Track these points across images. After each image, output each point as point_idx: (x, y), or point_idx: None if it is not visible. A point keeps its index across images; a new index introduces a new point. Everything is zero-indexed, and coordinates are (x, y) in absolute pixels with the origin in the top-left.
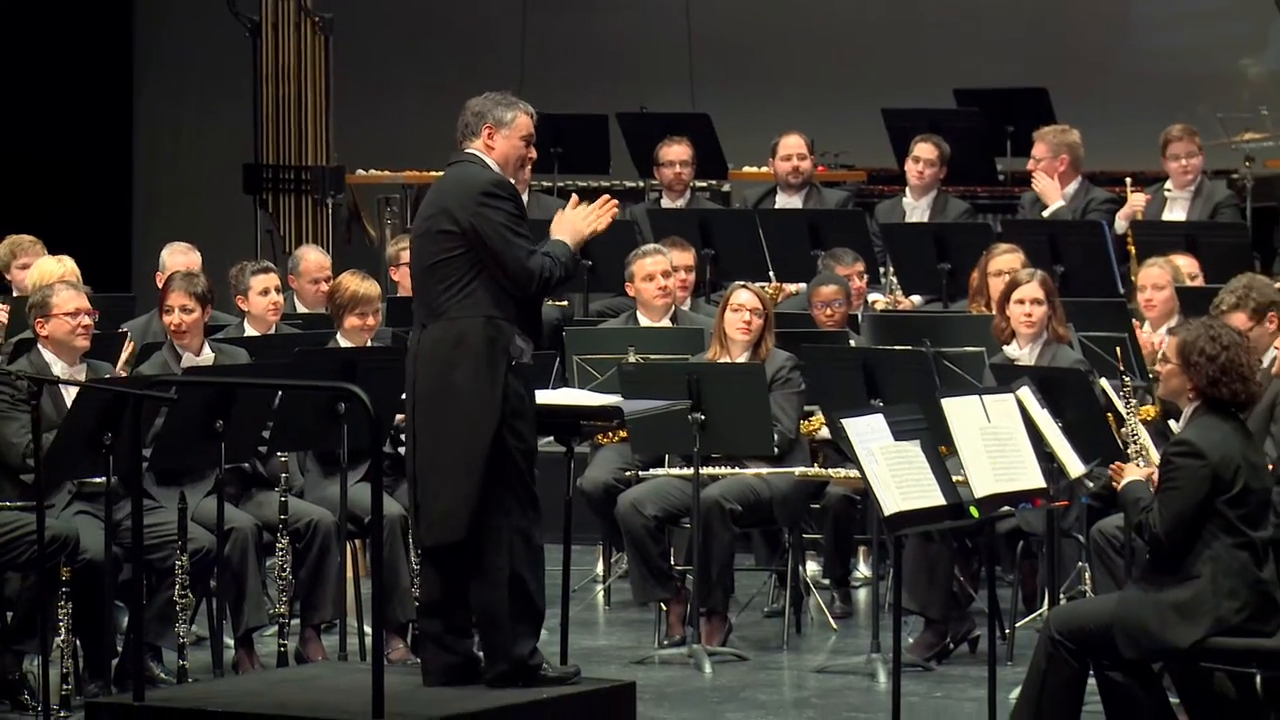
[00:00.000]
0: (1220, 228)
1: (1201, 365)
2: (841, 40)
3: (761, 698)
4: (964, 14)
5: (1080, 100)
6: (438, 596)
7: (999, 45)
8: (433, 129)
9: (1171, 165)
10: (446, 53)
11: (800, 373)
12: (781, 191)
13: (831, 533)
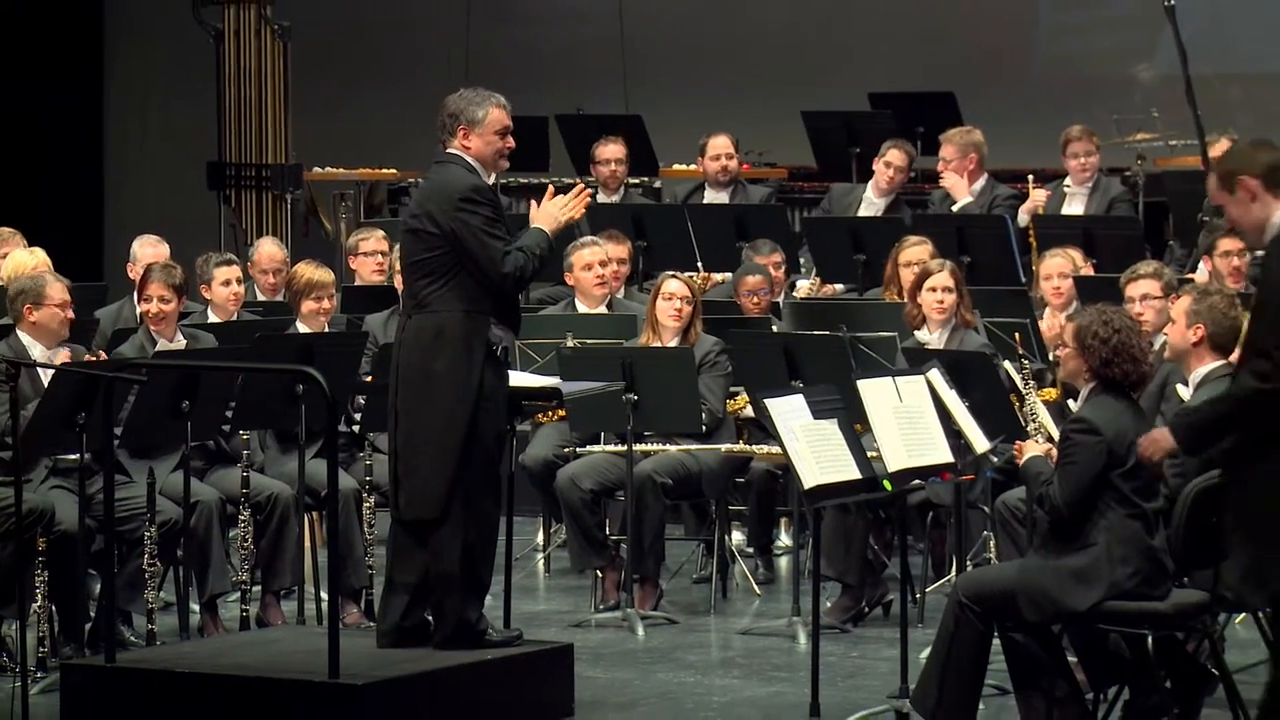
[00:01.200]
0: (1115, 221)
1: (1095, 348)
2: (765, 47)
3: (690, 658)
4: (878, 23)
5: (985, 103)
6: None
7: (910, 52)
8: (384, 130)
9: (1071, 163)
10: (397, 59)
11: (726, 356)
12: (709, 188)
13: (755, 505)
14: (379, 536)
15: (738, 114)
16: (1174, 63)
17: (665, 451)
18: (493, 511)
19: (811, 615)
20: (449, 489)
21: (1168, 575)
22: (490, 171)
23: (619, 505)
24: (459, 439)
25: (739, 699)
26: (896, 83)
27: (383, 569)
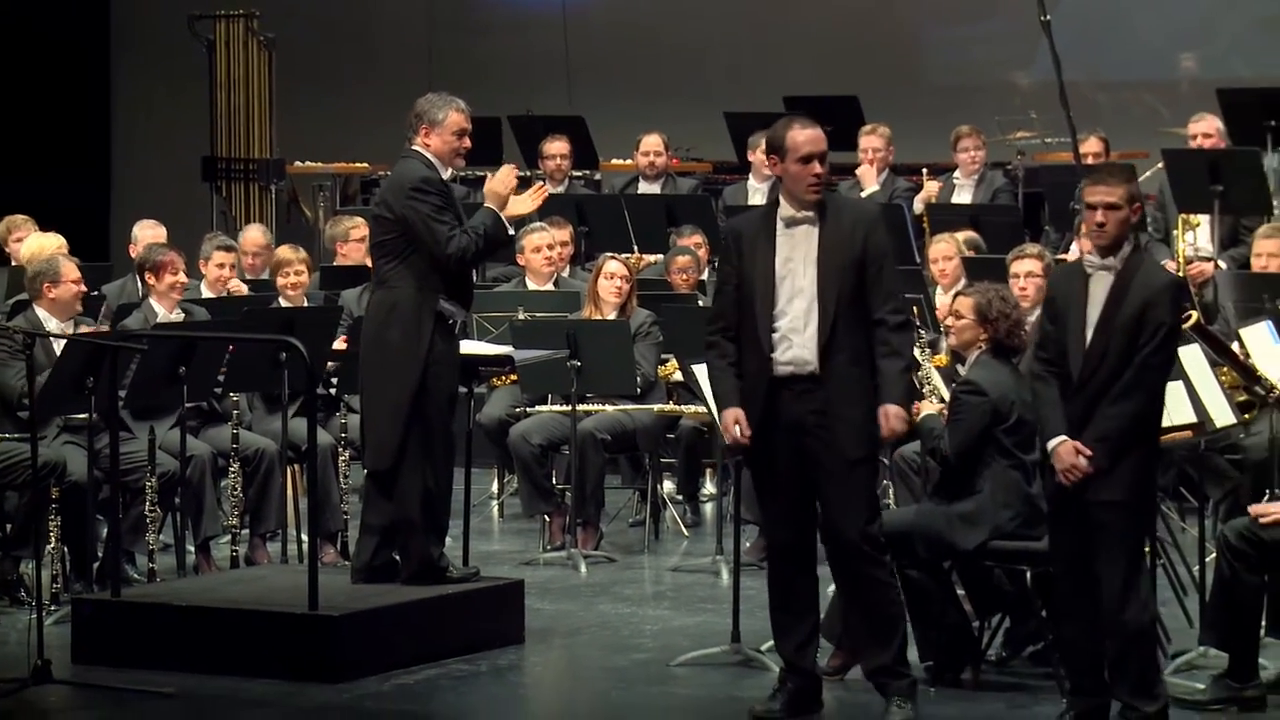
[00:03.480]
0: (998, 209)
1: (1000, 321)
2: (693, 56)
3: (627, 592)
4: (793, 35)
5: (884, 105)
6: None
7: (820, 61)
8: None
9: (960, 157)
10: (369, 65)
11: (658, 327)
12: (643, 180)
13: (684, 457)
14: (353, 485)
15: (668, 115)
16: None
17: (604, 411)
18: (447, 463)
19: (733, 554)
20: (401, 443)
21: (1043, 518)
22: (448, 166)
23: (564, 458)
24: (410, 400)
25: (669, 627)
26: (808, 87)
27: (357, 514)
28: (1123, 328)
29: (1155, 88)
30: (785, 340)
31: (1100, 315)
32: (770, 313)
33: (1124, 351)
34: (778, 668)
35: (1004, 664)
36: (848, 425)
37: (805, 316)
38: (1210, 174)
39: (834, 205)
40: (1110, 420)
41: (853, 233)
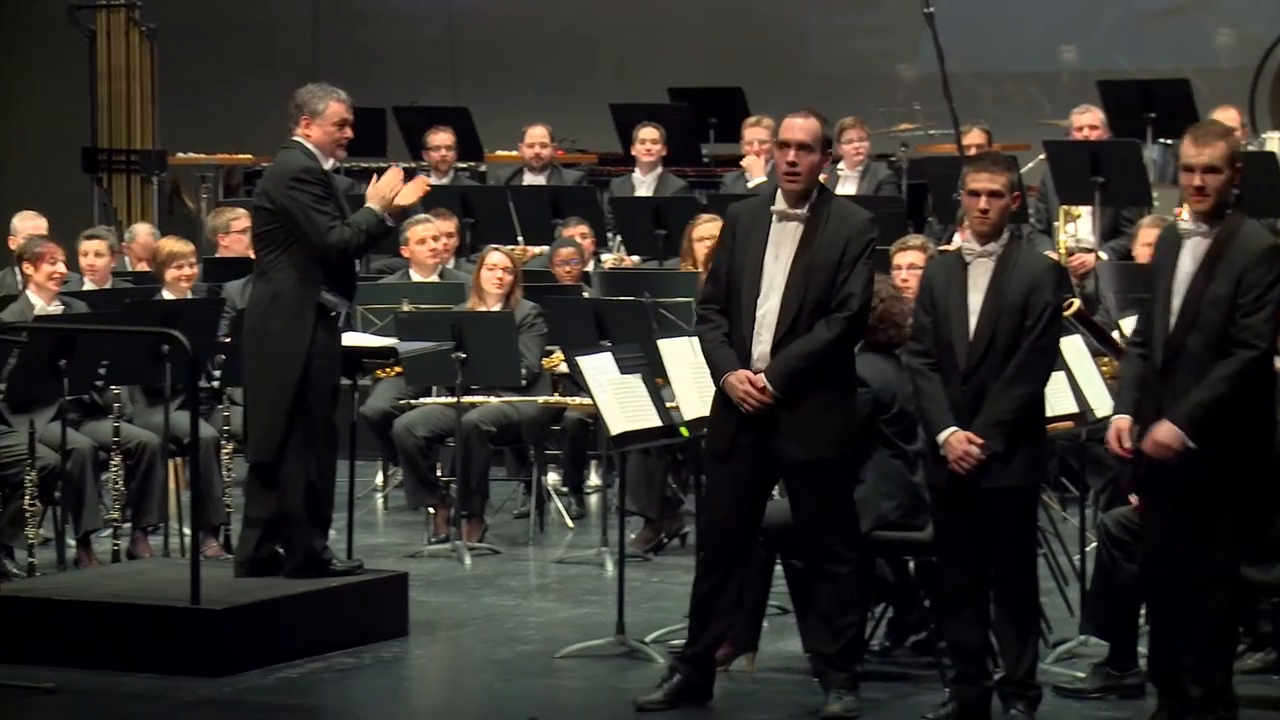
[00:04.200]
0: (883, 200)
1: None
2: (578, 47)
3: (512, 584)
4: (677, 26)
5: (769, 97)
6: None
7: (705, 51)
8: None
9: (845, 149)
10: (252, 56)
11: (543, 319)
12: (528, 171)
13: (569, 449)
14: (236, 478)
15: (554, 106)
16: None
17: (489, 403)
18: (330, 455)
19: (618, 546)
20: (284, 435)
21: (926, 507)
22: (329, 157)
23: (449, 450)
24: (292, 392)
25: (554, 619)
26: (693, 78)
27: (240, 508)
28: (1008, 312)
29: (1037, 80)
30: (759, 334)
31: (984, 301)
32: (753, 303)
33: (1011, 336)
34: (662, 658)
35: (887, 654)
36: (797, 426)
37: (775, 313)
38: (1091, 165)
39: (825, 207)
40: (1002, 405)
41: (836, 237)
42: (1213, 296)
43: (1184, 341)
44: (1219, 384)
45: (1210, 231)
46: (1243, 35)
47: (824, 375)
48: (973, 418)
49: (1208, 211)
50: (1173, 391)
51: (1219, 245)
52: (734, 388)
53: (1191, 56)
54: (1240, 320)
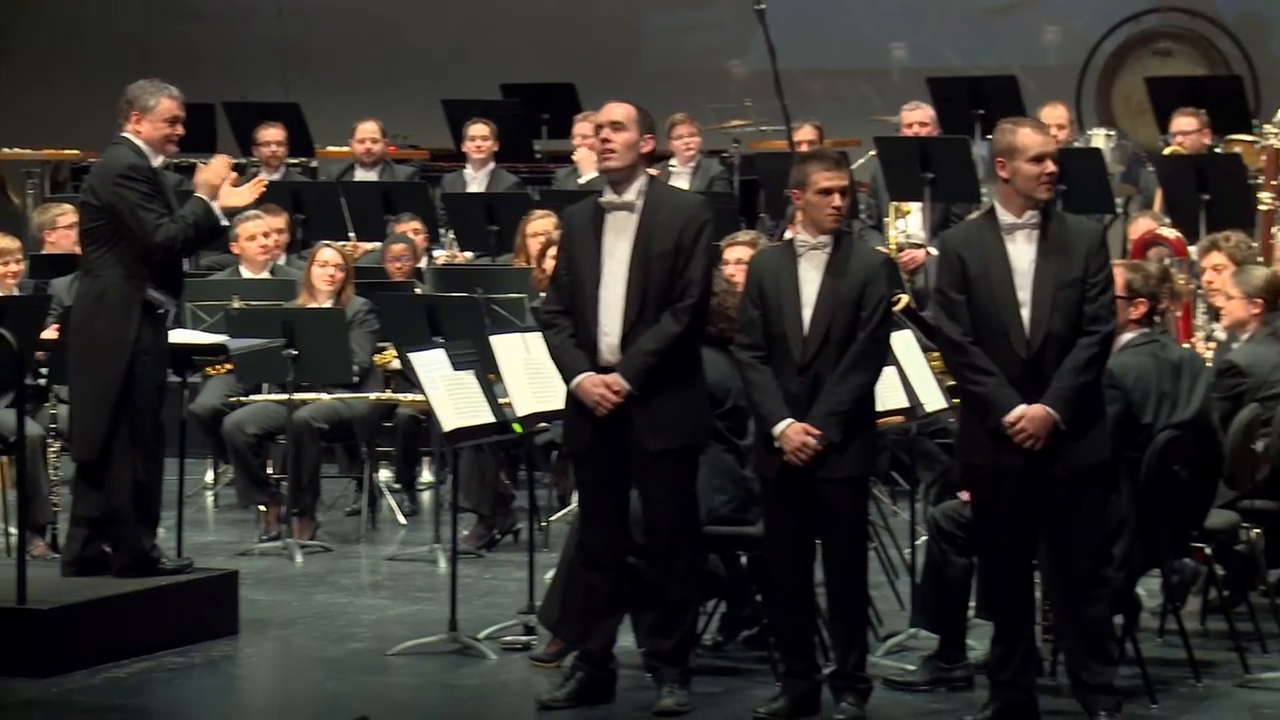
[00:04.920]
0: (715, 196)
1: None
2: (410, 42)
3: (344, 581)
4: (509, 21)
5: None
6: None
7: (537, 47)
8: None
9: (676, 145)
10: (81, 50)
11: (375, 315)
12: (360, 167)
13: (401, 445)
14: (63, 477)
15: (385, 102)
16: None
17: (321, 400)
18: (158, 453)
19: (450, 542)
20: (109, 433)
21: (757, 501)
22: (158, 154)
23: (280, 447)
24: (116, 389)
25: (386, 617)
26: (525, 74)
27: (67, 507)
28: (844, 305)
29: (867, 76)
30: (605, 328)
31: (819, 294)
32: (596, 298)
33: (846, 328)
34: (494, 655)
35: (719, 648)
36: (652, 416)
37: (618, 305)
38: (921, 162)
39: (655, 195)
40: (839, 395)
41: (669, 224)
42: (1068, 280)
43: (1048, 329)
44: (1088, 364)
45: (1037, 220)
46: (1069, 33)
47: (673, 364)
48: (808, 410)
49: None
50: (1043, 376)
51: (1053, 232)
52: (588, 393)
53: (1019, 54)
54: (1095, 298)
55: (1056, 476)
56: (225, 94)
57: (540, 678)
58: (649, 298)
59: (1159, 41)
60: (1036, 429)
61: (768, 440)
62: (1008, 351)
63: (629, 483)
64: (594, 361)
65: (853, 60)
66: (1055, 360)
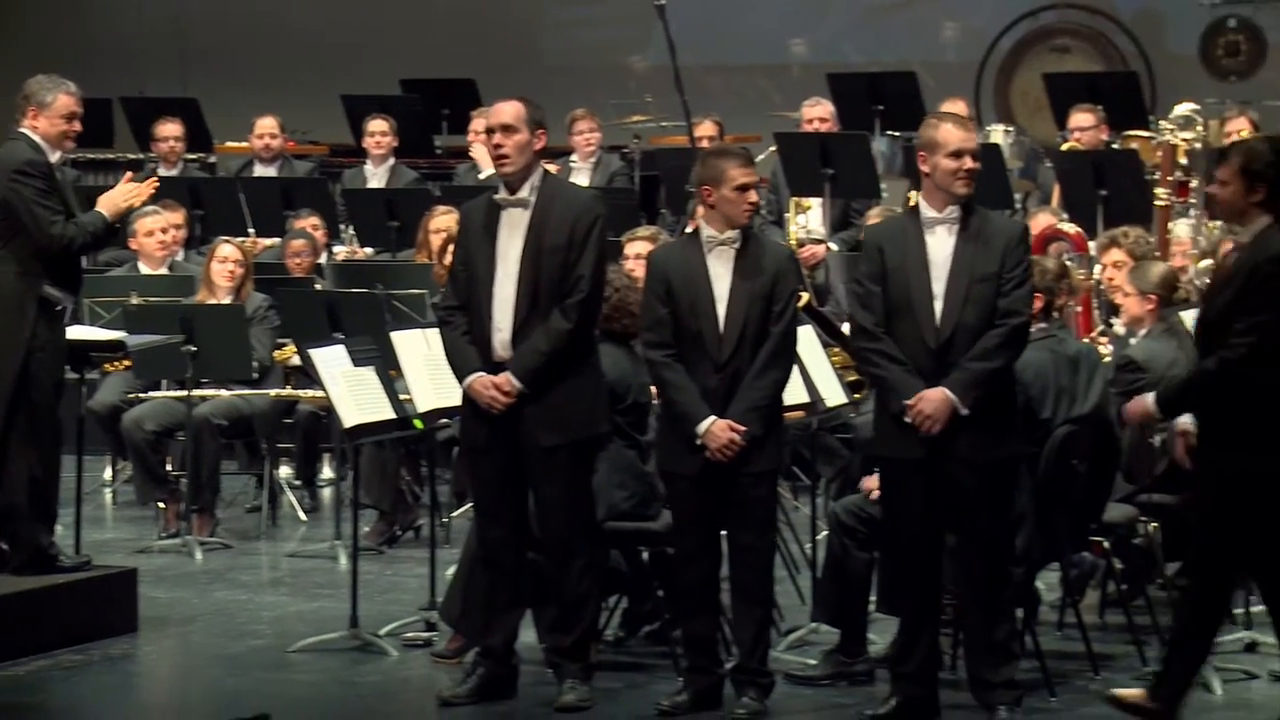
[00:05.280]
0: (616, 192)
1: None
2: (309, 37)
3: (244, 578)
4: (408, 16)
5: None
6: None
7: (436, 42)
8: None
9: (576, 140)
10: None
11: (275, 311)
12: (258, 163)
13: (301, 442)
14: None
15: (284, 97)
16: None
17: (220, 396)
18: (55, 450)
19: (351, 539)
20: (4, 430)
21: (658, 498)
22: (55, 150)
23: (179, 444)
24: (12, 386)
25: (287, 613)
26: (425, 69)
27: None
28: (757, 300)
29: (767, 72)
30: (498, 324)
31: (732, 289)
32: (490, 294)
33: (760, 323)
34: (395, 651)
35: (621, 644)
36: (545, 412)
37: (510, 301)
38: (821, 157)
39: (549, 190)
40: (760, 390)
41: (562, 219)
42: (983, 274)
43: (959, 320)
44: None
45: (958, 215)
46: (967, 29)
47: (566, 359)
48: (725, 406)
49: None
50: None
51: (972, 227)
52: (479, 394)
53: (918, 50)
54: (1009, 293)
55: (960, 469)
56: (123, 89)
57: (442, 674)
58: (540, 293)
59: (1057, 38)
60: (933, 411)
61: (688, 438)
62: (919, 342)
63: (525, 478)
64: (488, 358)
65: (753, 56)
66: (964, 351)
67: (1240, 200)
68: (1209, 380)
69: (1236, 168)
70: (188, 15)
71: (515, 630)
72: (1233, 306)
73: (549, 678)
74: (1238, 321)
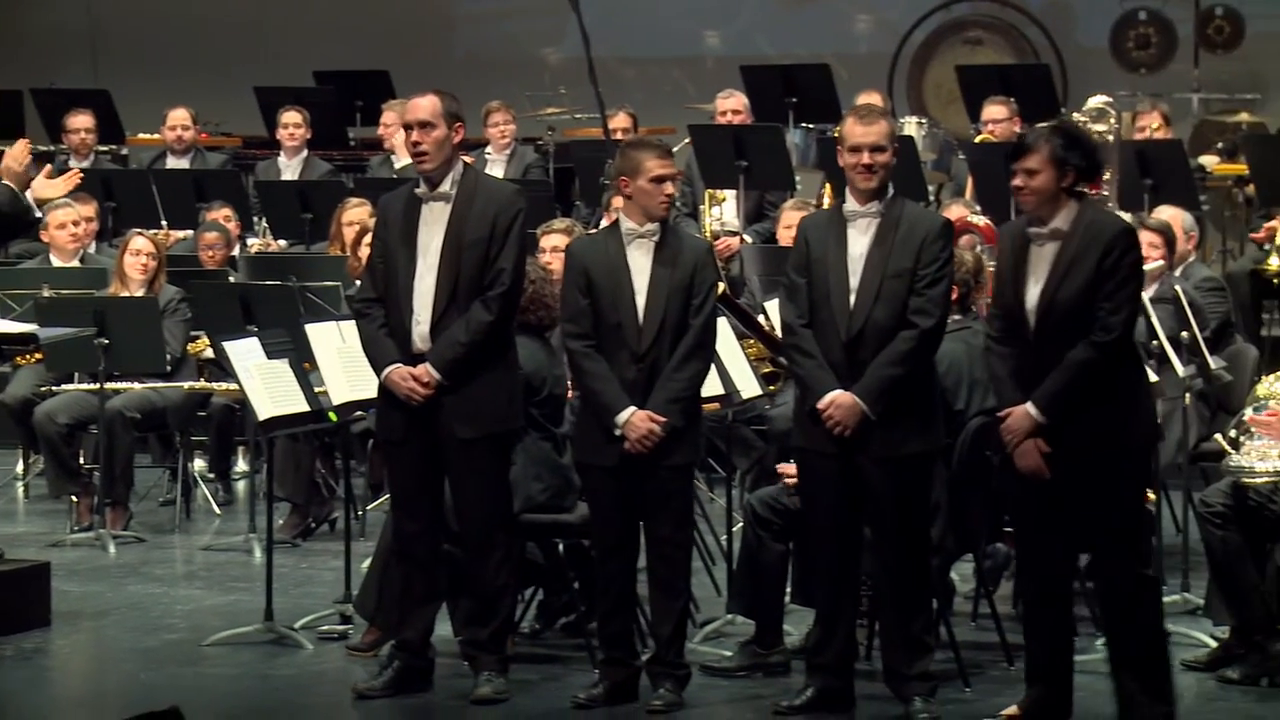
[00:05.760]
0: (530, 183)
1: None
2: (221, 28)
3: (158, 572)
4: (323, 7)
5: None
6: None
7: (351, 34)
8: None
9: (491, 133)
10: None
11: (188, 304)
12: (171, 155)
13: (215, 435)
14: None
15: (197, 89)
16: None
17: (133, 389)
18: None
19: (266, 532)
20: None
21: (574, 490)
22: None
23: (92, 437)
24: None
25: (201, 607)
26: (339, 61)
27: None
28: (676, 291)
29: (681, 64)
30: (418, 316)
31: (651, 281)
32: (410, 286)
33: (680, 315)
34: (310, 644)
35: (537, 636)
36: (462, 405)
37: (430, 294)
38: (735, 149)
39: (470, 184)
40: (679, 382)
41: (484, 212)
42: (896, 270)
43: (870, 316)
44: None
45: (879, 209)
46: (880, 21)
47: (485, 352)
48: (645, 397)
49: (875, 189)
50: (861, 362)
51: (892, 222)
52: (397, 386)
53: (831, 42)
54: (922, 291)
55: (873, 465)
56: (33, 80)
57: (357, 667)
58: (460, 286)
59: (969, 30)
60: (843, 416)
61: (606, 430)
62: (834, 336)
63: (442, 471)
64: (407, 350)
65: (667, 48)
66: (874, 347)
67: (1054, 186)
68: (1094, 369)
69: (1047, 155)
70: (99, 6)
71: (431, 623)
72: (1091, 290)
73: (465, 670)
74: (1105, 303)
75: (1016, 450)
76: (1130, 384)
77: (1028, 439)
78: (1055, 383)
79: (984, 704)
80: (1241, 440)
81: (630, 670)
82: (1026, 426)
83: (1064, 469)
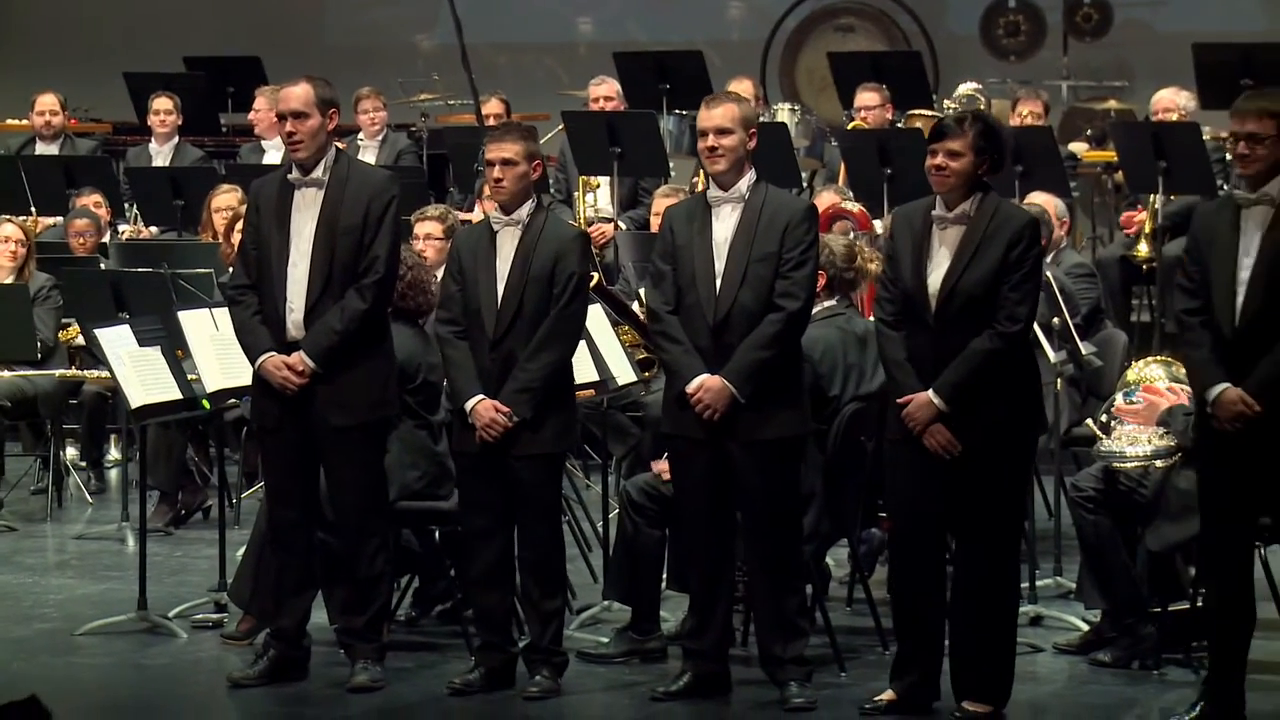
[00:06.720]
0: (403, 170)
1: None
2: (91, 13)
3: (30, 561)
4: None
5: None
6: None
7: (221, 20)
8: None
9: (362, 119)
10: None
11: (59, 291)
12: (40, 141)
13: (87, 423)
14: None
15: (65, 74)
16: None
17: (3, 377)
18: None
19: (139, 520)
20: None
21: (450, 477)
22: None
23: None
24: None
25: (74, 596)
26: (209, 47)
27: None
28: (535, 281)
29: (554, 51)
30: (291, 303)
31: (510, 270)
32: (284, 273)
33: (539, 304)
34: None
35: (413, 623)
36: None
37: (303, 281)
38: (609, 136)
39: (342, 170)
40: (530, 373)
41: (356, 199)
42: (760, 255)
43: (736, 300)
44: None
45: (742, 195)
46: (753, 8)
47: (360, 339)
48: (500, 386)
49: (725, 172)
50: (729, 346)
51: (755, 207)
52: (271, 374)
53: (704, 29)
54: (787, 274)
55: (741, 449)
56: None
57: (232, 656)
58: (334, 273)
59: (841, 18)
60: (712, 400)
61: (464, 416)
62: (701, 321)
63: (316, 459)
64: (281, 337)
65: (539, 35)
66: (741, 331)
67: (973, 172)
68: (998, 359)
69: (972, 141)
70: None
71: (306, 612)
72: (995, 278)
73: (341, 659)
74: (1011, 294)
75: (925, 431)
76: (1025, 375)
77: (930, 425)
78: (958, 372)
79: (859, 688)
80: (1112, 425)
81: (507, 656)
82: (929, 415)
83: (953, 458)
